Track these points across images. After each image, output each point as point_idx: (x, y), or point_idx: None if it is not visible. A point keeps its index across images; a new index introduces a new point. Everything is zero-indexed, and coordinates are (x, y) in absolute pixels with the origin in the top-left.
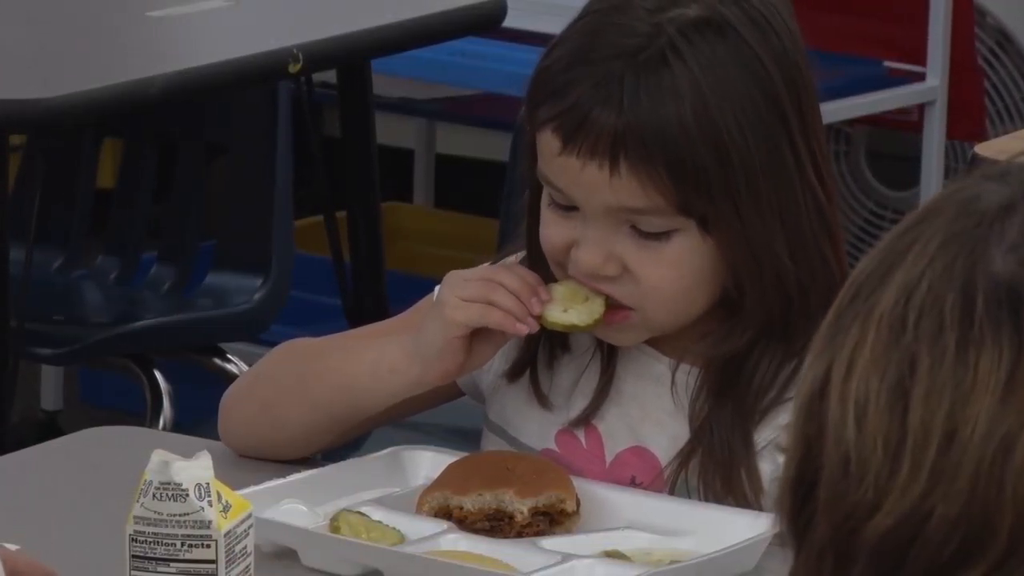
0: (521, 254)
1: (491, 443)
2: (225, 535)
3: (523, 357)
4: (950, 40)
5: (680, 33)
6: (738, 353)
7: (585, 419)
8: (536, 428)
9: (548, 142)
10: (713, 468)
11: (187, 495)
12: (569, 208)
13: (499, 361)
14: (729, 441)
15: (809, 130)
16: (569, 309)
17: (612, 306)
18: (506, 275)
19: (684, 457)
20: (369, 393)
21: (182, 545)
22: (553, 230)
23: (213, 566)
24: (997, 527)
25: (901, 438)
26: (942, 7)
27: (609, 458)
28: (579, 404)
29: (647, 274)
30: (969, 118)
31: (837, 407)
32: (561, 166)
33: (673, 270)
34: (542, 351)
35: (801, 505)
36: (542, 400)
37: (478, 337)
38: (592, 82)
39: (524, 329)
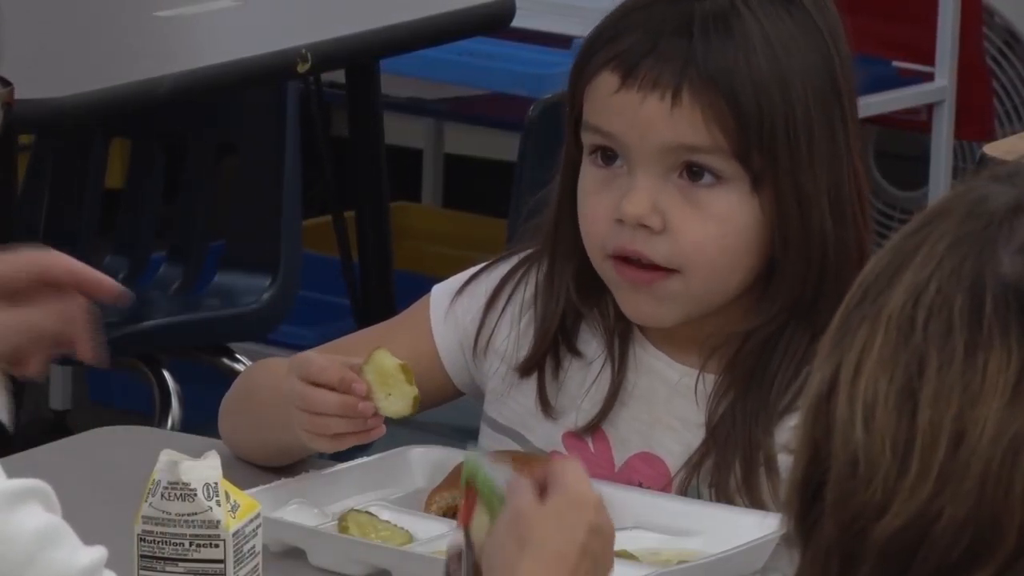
0: (526, 253)
1: (497, 445)
2: (233, 535)
3: (534, 355)
4: (958, 40)
5: None
6: (767, 337)
7: (594, 425)
8: (544, 431)
9: (605, 83)
10: (727, 470)
11: (195, 495)
12: (612, 164)
13: (503, 365)
14: (749, 437)
15: (853, 119)
16: (392, 392)
17: (650, 269)
18: (321, 400)
19: (696, 462)
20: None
21: (190, 545)
22: (594, 200)
23: (221, 566)
24: (1005, 528)
25: (909, 439)
26: (951, 7)
27: (618, 463)
28: (588, 409)
29: (690, 229)
30: (977, 118)
31: (845, 408)
32: (619, 104)
33: (718, 226)
34: (550, 357)
35: (809, 506)
36: (547, 408)
37: None
38: (659, 20)
39: (376, 434)
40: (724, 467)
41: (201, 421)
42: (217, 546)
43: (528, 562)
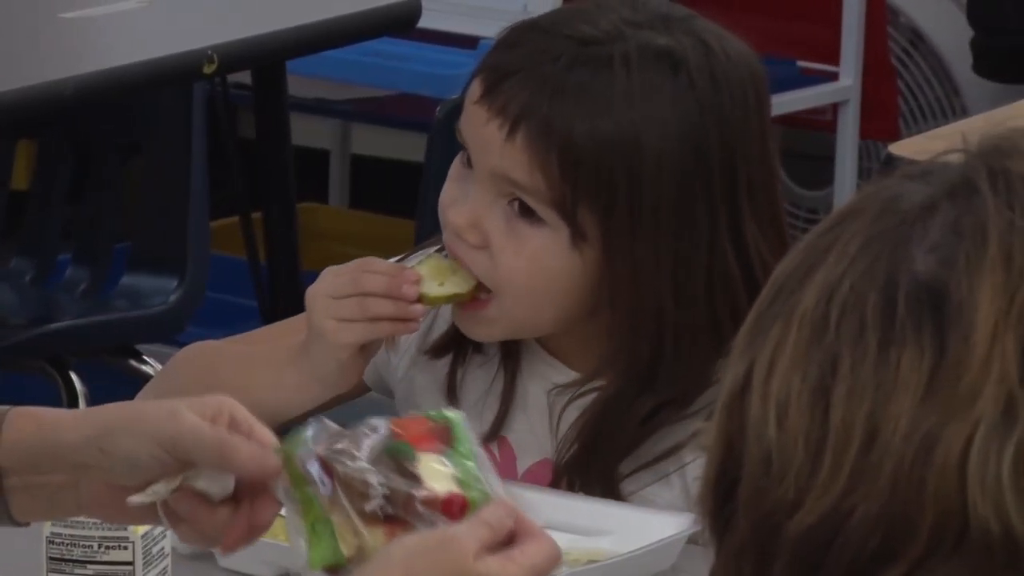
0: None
1: None
2: (142, 537)
3: (443, 339)
4: (863, 40)
5: (638, 50)
6: (606, 399)
7: (494, 432)
8: None
9: (474, 87)
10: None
11: None
12: (468, 167)
13: (405, 358)
14: (590, 491)
15: (740, 205)
16: (444, 282)
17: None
18: (370, 279)
19: (572, 456)
20: (272, 411)
21: (99, 547)
22: (446, 187)
23: (130, 568)
24: (918, 526)
25: (822, 437)
26: (855, 7)
27: (520, 471)
28: (488, 416)
29: (503, 258)
30: (882, 117)
31: (758, 406)
32: (473, 114)
33: (529, 263)
34: (456, 348)
35: (722, 503)
36: (452, 399)
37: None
38: (534, 48)
39: (414, 326)
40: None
41: None
42: (126, 548)
43: None
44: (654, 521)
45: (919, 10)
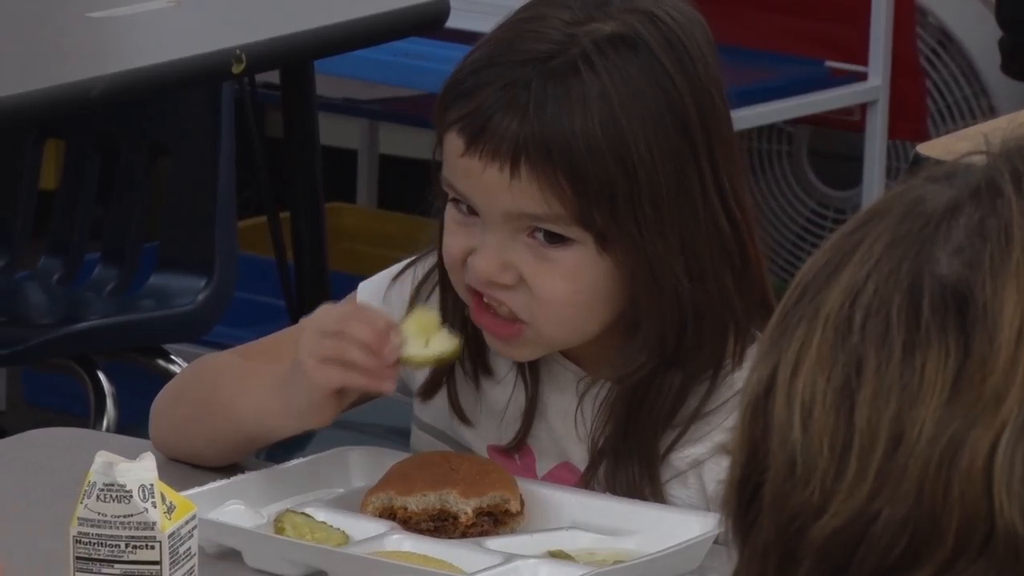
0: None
1: (426, 444)
2: (169, 536)
3: (433, 378)
4: (892, 40)
5: (594, 45)
6: (640, 381)
7: (519, 443)
8: (467, 433)
9: (453, 143)
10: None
11: (131, 496)
12: (470, 215)
13: (427, 369)
14: (629, 472)
15: (717, 159)
16: (431, 340)
17: (505, 319)
18: (358, 327)
19: (587, 480)
20: (256, 436)
21: (126, 547)
22: (452, 240)
23: (157, 567)
24: (944, 529)
25: (847, 440)
26: (884, 7)
27: (540, 475)
28: (511, 426)
29: (541, 285)
30: (911, 118)
31: (783, 408)
32: (464, 168)
33: (568, 283)
34: (467, 371)
35: (747, 506)
36: (464, 421)
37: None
38: (500, 84)
39: (385, 386)
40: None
41: (136, 422)
42: (153, 548)
43: None
44: (680, 521)
45: (947, 10)
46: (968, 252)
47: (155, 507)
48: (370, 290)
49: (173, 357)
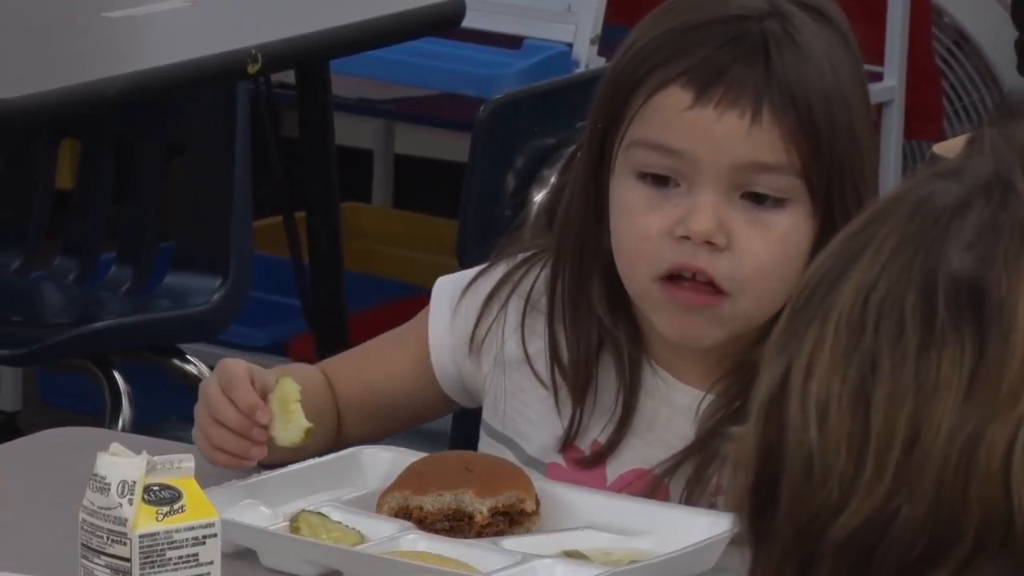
0: (526, 255)
1: (493, 452)
2: (144, 536)
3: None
4: (907, 40)
5: (800, 9)
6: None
7: (602, 455)
8: (540, 440)
9: (673, 99)
10: (705, 474)
11: (109, 490)
12: (660, 188)
13: (499, 375)
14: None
15: (870, 130)
16: (290, 422)
17: (705, 290)
18: (224, 409)
19: (677, 460)
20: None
21: (107, 539)
22: (649, 218)
23: (128, 564)
24: (963, 527)
25: (864, 440)
26: (900, 7)
27: (610, 478)
28: (594, 429)
29: (752, 248)
30: (927, 118)
31: (798, 409)
32: (691, 120)
33: (779, 245)
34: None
35: (763, 507)
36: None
37: None
38: (728, 36)
39: (249, 464)
40: (702, 469)
41: (151, 422)
42: (124, 544)
43: None
44: (695, 521)
45: (963, 11)
46: (981, 248)
47: (131, 504)
48: (447, 295)
49: (188, 357)
